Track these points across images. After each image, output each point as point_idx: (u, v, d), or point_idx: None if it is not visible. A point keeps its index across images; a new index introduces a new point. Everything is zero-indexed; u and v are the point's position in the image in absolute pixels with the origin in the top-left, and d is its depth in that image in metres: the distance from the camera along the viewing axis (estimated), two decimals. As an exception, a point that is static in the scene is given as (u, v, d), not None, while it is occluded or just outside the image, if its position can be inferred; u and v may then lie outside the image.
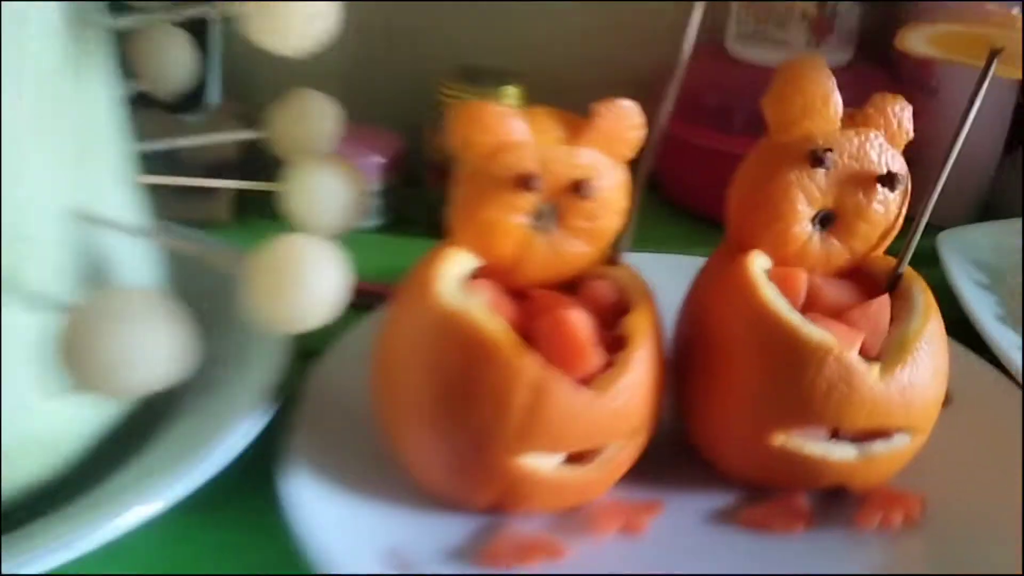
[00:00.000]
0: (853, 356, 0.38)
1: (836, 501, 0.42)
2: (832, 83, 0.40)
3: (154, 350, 0.32)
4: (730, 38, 0.70)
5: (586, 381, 0.38)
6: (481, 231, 0.39)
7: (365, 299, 0.48)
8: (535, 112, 0.39)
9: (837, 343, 0.38)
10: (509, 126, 0.38)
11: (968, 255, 0.58)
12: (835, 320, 0.40)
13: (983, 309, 0.52)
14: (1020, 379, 0.48)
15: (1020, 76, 0.42)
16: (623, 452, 0.40)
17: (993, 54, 0.41)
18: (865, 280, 0.43)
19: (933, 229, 0.68)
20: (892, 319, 0.40)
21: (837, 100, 0.40)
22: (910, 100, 0.67)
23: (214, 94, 0.51)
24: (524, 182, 0.38)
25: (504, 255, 0.40)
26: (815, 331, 0.38)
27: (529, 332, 0.38)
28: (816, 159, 0.40)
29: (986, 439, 0.45)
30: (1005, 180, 0.72)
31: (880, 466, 0.40)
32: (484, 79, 0.64)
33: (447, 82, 0.63)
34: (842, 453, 0.40)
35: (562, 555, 0.38)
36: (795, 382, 0.38)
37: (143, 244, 0.42)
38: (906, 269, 0.42)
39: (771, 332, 0.39)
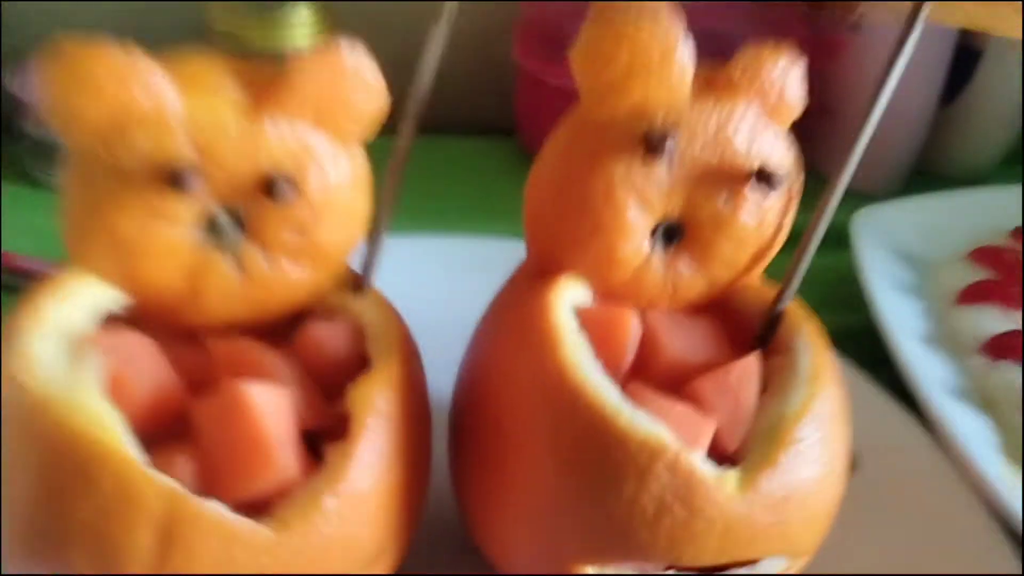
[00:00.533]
0: (696, 461, 0.24)
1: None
2: (678, 29, 0.25)
3: None
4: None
5: (274, 500, 0.23)
6: (116, 253, 0.24)
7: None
8: (194, 63, 0.24)
9: (672, 440, 0.24)
10: (140, 86, 0.23)
11: (889, 241, 0.45)
12: (675, 395, 0.26)
13: (904, 325, 0.39)
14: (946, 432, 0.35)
15: (964, 23, 0.28)
16: (356, 587, 0.26)
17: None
18: (732, 320, 0.29)
19: (850, 199, 0.54)
20: (764, 388, 0.27)
21: (685, 56, 0.25)
22: (826, 37, 0.55)
23: None
24: (171, 178, 0.23)
25: (161, 284, 0.25)
26: (639, 422, 0.24)
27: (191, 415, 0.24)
28: (651, 145, 0.25)
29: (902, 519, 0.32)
30: (941, 139, 0.58)
31: (738, 605, 0.27)
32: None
33: (217, 5, 0.47)
34: (682, 592, 0.26)
35: None
36: (606, 498, 0.24)
37: None
38: (788, 307, 0.28)
39: (572, 417, 0.25)
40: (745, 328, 0.29)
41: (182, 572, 0.22)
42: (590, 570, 0.26)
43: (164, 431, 0.24)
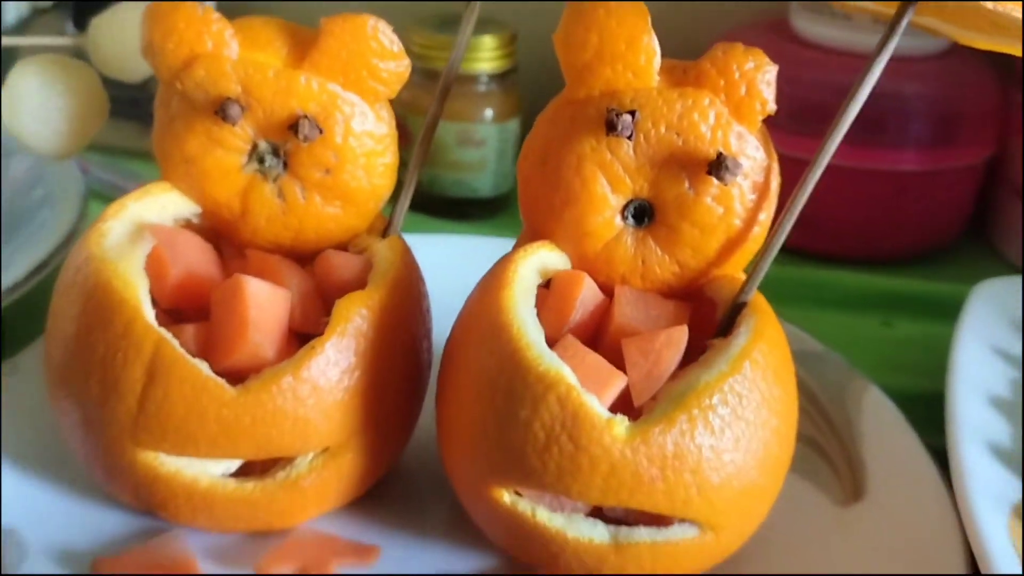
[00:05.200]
0: (587, 400, 0.27)
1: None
2: (643, 19, 0.28)
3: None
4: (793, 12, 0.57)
5: (250, 375, 0.29)
6: (186, 169, 0.31)
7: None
8: (254, 22, 0.31)
9: (570, 377, 0.27)
10: (203, 32, 0.30)
11: (1009, 313, 0.43)
12: (605, 351, 0.28)
13: (975, 382, 0.37)
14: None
15: (934, 25, 0.28)
16: (317, 472, 0.30)
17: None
18: (705, 309, 0.31)
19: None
20: (702, 363, 0.28)
21: (651, 44, 0.28)
22: (1017, 107, 0.52)
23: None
24: (221, 108, 0.30)
25: (220, 202, 0.32)
26: (545, 356, 0.27)
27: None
28: (612, 124, 0.28)
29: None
30: None
31: (643, 561, 0.28)
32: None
33: (416, 30, 0.55)
34: (588, 532, 0.28)
35: (192, 585, 0.30)
36: (509, 423, 0.27)
37: None
38: (753, 299, 0.30)
39: (496, 348, 0.28)
40: (714, 317, 0.30)
41: (159, 405, 0.28)
42: (505, 496, 0.29)
43: (195, 310, 0.31)
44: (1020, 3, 0.26)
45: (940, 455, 0.34)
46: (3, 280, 0.39)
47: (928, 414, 0.37)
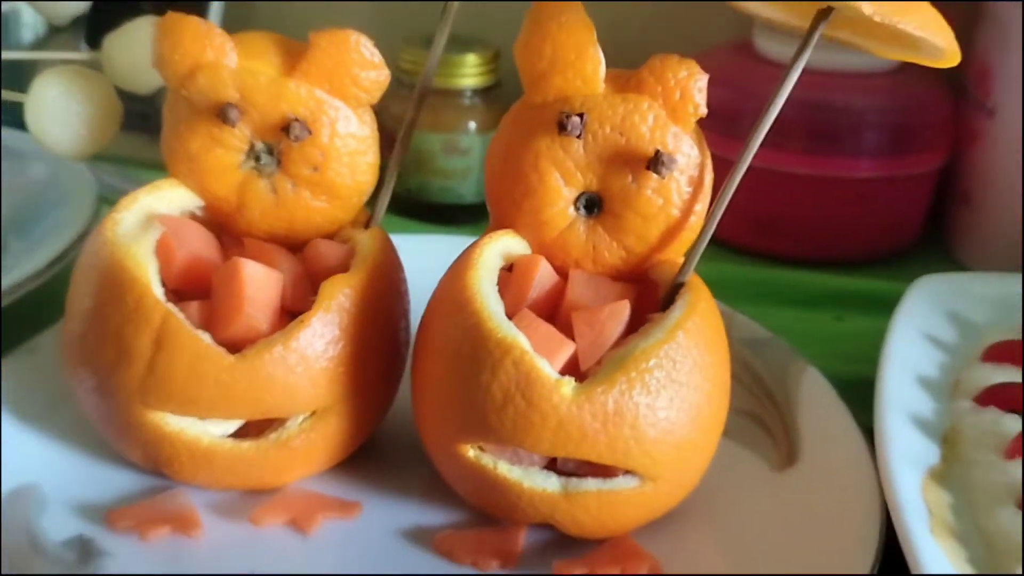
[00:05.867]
0: (538, 363, 0.31)
1: (574, 551, 0.34)
2: (589, 32, 0.32)
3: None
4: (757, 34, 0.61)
5: (245, 345, 0.33)
6: (190, 166, 0.36)
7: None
8: (251, 36, 0.35)
9: (524, 344, 0.31)
10: (206, 44, 0.34)
11: (945, 305, 0.46)
12: (559, 325, 0.32)
13: (904, 364, 0.41)
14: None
15: (850, 39, 0.32)
16: (306, 434, 0.34)
17: (822, 15, 0.32)
18: (650, 290, 0.35)
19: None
20: (641, 333, 0.32)
21: (596, 55, 0.32)
22: (966, 120, 0.56)
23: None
24: (220, 112, 0.34)
25: (220, 196, 0.36)
26: (502, 325, 0.31)
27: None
28: (562, 124, 0.32)
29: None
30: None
31: (590, 508, 0.32)
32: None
33: (406, 48, 0.59)
34: (542, 482, 0.32)
35: (194, 533, 0.33)
36: (471, 384, 0.31)
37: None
38: (690, 280, 0.34)
39: (461, 319, 0.32)
40: (658, 297, 0.34)
41: (166, 370, 0.32)
42: (471, 451, 0.33)
43: (200, 289, 0.35)
44: (916, 20, 0.30)
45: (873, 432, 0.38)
46: (23, 271, 0.43)
47: (870, 397, 0.40)
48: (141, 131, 0.62)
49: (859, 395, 0.41)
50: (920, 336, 0.44)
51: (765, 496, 0.36)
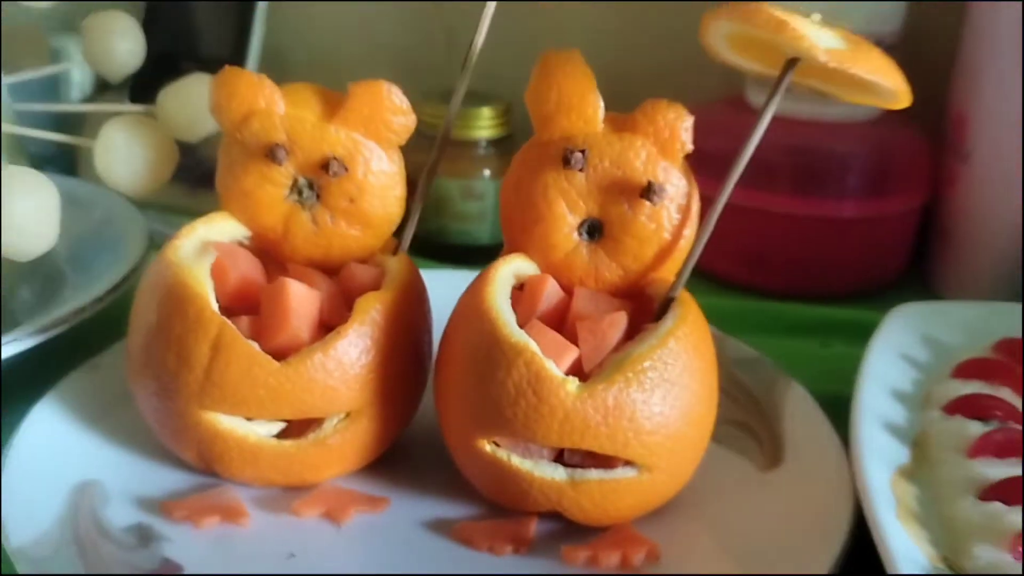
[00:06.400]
0: (546, 364, 0.35)
1: (580, 538, 0.38)
2: (590, 80, 0.37)
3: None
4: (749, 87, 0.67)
5: (290, 353, 0.38)
6: (242, 201, 0.40)
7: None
8: (297, 87, 0.40)
9: (534, 347, 0.35)
10: (258, 94, 0.39)
11: (920, 330, 0.51)
12: (565, 335, 0.37)
13: (880, 379, 0.45)
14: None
15: (818, 86, 0.37)
16: (341, 434, 0.39)
17: (789, 64, 0.37)
18: (645, 305, 0.39)
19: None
20: (637, 340, 0.37)
21: (596, 99, 0.38)
22: (945, 164, 0.61)
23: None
24: (270, 152, 0.39)
25: (267, 226, 0.41)
26: (515, 332, 0.36)
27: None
28: (567, 159, 0.37)
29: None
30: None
31: (594, 496, 0.36)
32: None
33: (426, 103, 0.64)
34: (550, 473, 0.36)
35: (241, 521, 0.38)
36: (488, 382, 0.36)
37: None
38: (681, 295, 0.38)
39: (479, 328, 0.37)
40: (652, 310, 0.39)
41: (221, 374, 0.37)
42: (488, 446, 0.37)
43: (248, 306, 0.39)
44: (867, 66, 0.35)
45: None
46: (82, 300, 0.48)
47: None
48: (182, 181, 0.68)
49: (841, 411, 0.45)
50: (896, 356, 0.48)
51: (752, 492, 0.40)
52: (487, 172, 0.64)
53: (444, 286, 0.42)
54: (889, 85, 0.35)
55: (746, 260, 0.63)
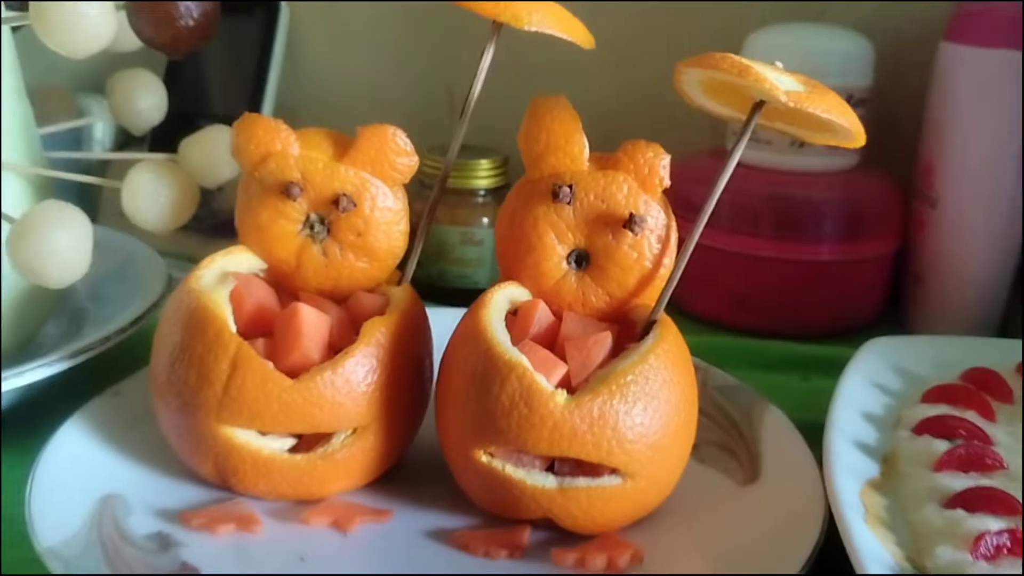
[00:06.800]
0: (537, 378, 0.38)
1: (571, 544, 0.40)
2: (576, 122, 0.41)
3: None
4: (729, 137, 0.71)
5: (302, 372, 0.41)
6: (258, 235, 0.44)
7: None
8: (310, 131, 0.44)
9: (526, 363, 0.39)
10: (275, 138, 0.43)
11: (892, 361, 0.54)
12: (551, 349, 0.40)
13: (852, 402, 0.48)
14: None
15: (783, 128, 0.41)
16: (348, 448, 0.42)
17: (756, 107, 0.40)
18: (630, 328, 0.42)
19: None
20: (621, 357, 0.40)
21: (581, 139, 0.41)
22: (915, 211, 0.65)
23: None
24: (285, 190, 0.43)
25: (281, 258, 0.44)
26: (509, 349, 0.39)
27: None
28: (555, 194, 0.41)
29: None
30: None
31: (582, 503, 0.39)
32: (463, 152, 0.69)
33: (428, 155, 0.68)
34: (542, 481, 0.39)
35: (254, 529, 0.41)
36: (486, 396, 0.39)
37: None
38: (661, 318, 0.42)
39: (476, 347, 0.40)
40: (635, 333, 0.42)
41: (238, 390, 0.40)
42: (484, 457, 0.40)
43: (263, 330, 0.43)
44: (823, 106, 0.38)
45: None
46: (103, 333, 0.51)
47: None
48: (199, 232, 0.71)
49: (819, 437, 0.47)
50: (869, 383, 0.51)
51: (731, 505, 0.43)
52: (485, 220, 0.68)
53: (444, 322, 0.46)
54: (844, 124, 0.38)
55: (731, 301, 0.66)
